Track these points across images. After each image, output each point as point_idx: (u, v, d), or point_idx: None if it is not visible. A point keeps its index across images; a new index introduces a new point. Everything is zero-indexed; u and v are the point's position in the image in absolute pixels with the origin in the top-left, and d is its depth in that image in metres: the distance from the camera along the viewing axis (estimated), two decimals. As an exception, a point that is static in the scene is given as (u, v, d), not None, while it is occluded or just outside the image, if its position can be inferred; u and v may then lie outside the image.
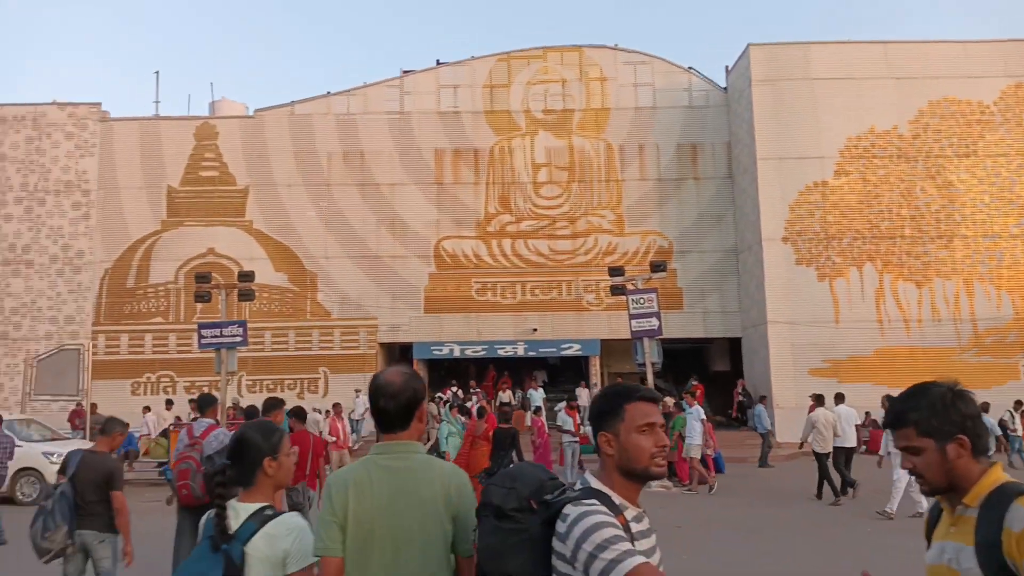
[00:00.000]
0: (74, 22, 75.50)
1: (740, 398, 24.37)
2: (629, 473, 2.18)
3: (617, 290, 17.12)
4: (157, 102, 26.84)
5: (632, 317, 16.23)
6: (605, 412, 2.22)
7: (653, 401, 2.25)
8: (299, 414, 9.42)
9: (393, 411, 2.60)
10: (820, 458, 13.39)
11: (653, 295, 16.22)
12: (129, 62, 74.97)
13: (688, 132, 25.75)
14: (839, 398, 14.70)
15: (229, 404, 20.40)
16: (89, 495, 6.15)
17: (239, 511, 2.67)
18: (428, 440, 17.65)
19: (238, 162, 25.69)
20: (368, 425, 21.68)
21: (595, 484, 2.21)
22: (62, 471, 6.44)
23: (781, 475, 17.54)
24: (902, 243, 23.44)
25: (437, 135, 25.68)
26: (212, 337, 16.07)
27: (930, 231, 23.44)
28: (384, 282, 25.19)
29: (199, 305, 23.57)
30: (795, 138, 23.39)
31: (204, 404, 7.73)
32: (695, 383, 23.51)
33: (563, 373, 27.25)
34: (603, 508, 2.08)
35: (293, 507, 8.27)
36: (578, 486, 2.22)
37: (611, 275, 17.35)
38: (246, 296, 16.98)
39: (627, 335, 23.46)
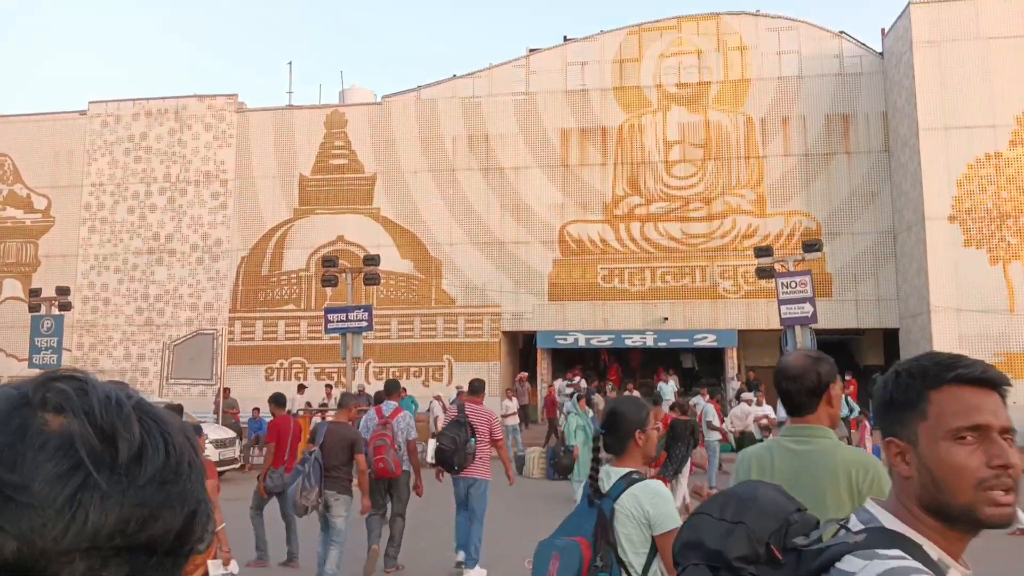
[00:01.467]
0: (211, 17, 79.74)
1: (896, 395, 22.33)
2: (942, 511, 1.28)
3: (764, 272, 15.89)
4: (290, 92, 27.39)
5: (782, 303, 14.99)
6: (896, 403, 1.33)
7: (987, 384, 1.30)
8: (278, 400, 9.44)
9: (795, 393, 2.63)
10: None
11: (807, 278, 14.94)
12: (264, 54, 78.45)
13: (839, 102, 23.79)
14: None
15: (355, 389, 20.61)
16: (334, 459, 7.35)
17: (611, 474, 3.01)
18: (556, 431, 17.10)
19: (366, 149, 25.92)
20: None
21: (890, 523, 1.33)
22: (312, 440, 7.64)
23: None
24: (1094, 221, 20.61)
25: (563, 115, 24.98)
26: (338, 322, 16.19)
27: None
28: (508, 269, 24.82)
29: (329, 292, 24.00)
30: (964, 105, 21.00)
31: (391, 388, 9.00)
32: (848, 378, 21.73)
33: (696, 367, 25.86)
34: (919, 567, 1.21)
35: (270, 492, 8.58)
36: (855, 522, 1.34)
37: (758, 256, 16.11)
38: (371, 280, 16.98)
39: (767, 325, 22.93)
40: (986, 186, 20.79)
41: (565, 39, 25.66)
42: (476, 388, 8.92)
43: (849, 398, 18.21)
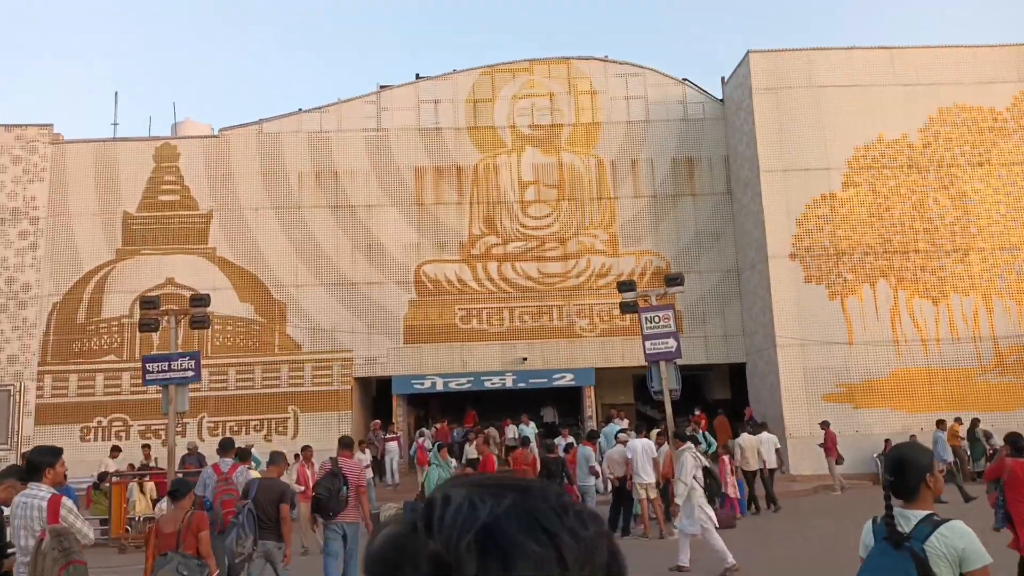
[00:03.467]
0: (25, 39, 72.49)
1: (748, 429, 22.57)
2: None
3: (628, 307, 15.46)
4: (115, 124, 25.29)
5: (647, 338, 14.49)
6: None
7: None
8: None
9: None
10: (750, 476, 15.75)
11: (670, 312, 14.56)
12: (86, 82, 71.61)
13: (684, 146, 24.45)
14: (763, 426, 17.89)
15: (185, 448, 18.33)
16: (268, 510, 8.05)
17: (908, 517, 3.20)
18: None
19: (201, 185, 23.92)
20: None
21: None
22: (244, 495, 8.42)
23: (806, 514, 15.66)
24: (916, 258, 22.03)
25: (417, 153, 24.17)
26: (159, 372, 13.98)
27: (945, 244, 22.04)
28: (360, 311, 23.41)
29: (155, 340, 21.59)
30: (800, 149, 22.07)
31: (226, 446, 10.82)
32: (698, 412, 22.05)
33: (551, 406, 25.31)
34: None
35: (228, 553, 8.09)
36: None
37: (621, 291, 15.64)
38: (200, 323, 14.96)
39: (622, 363, 22.73)
40: (823, 225, 21.78)
41: (417, 76, 25.01)
42: (347, 443, 10.04)
43: (706, 433, 18.32)
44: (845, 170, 22.04)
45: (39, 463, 5.36)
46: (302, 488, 13.11)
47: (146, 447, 19.30)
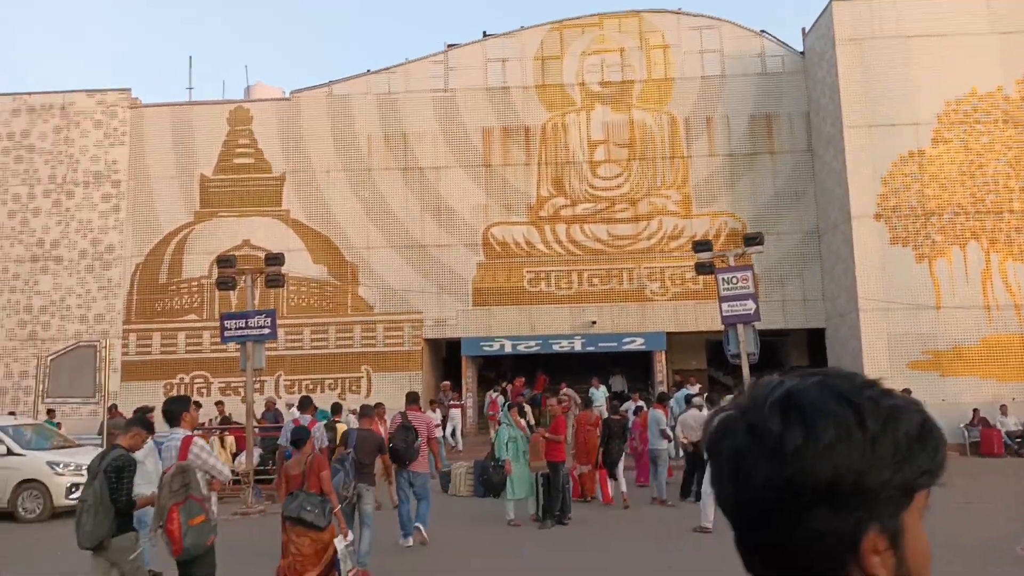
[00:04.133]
0: (103, 6, 74.28)
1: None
2: None
3: (704, 268, 14.96)
4: (190, 88, 26.04)
5: (723, 300, 14.11)
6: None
7: None
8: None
9: None
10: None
11: (748, 273, 14.16)
12: (162, 47, 73.26)
13: (762, 102, 23.46)
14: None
15: (263, 404, 18.87)
16: (365, 459, 8.86)
17: None
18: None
19: (274, 148, 24.19)
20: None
21: None
22: (343, 443, 9.36)
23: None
24: (1011, 218, 20.79)
25: (485, 113, 23.86)
26: (236, 329, 14.34)
27: (1044, 204, 20.67)
28: (429, 273, 23.48)
29: (234, 300, 22.18)
30: (886, 103, 20.92)
31: (305, 403, 12.08)
32: (775, 380, 21.41)
33: (620, 375, 24.94)
34: None
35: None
36: None
37: (696, 251, 15.15)
38: (275, 282, 15.21)
39: (695, 327, 22.43)
40: (910, 184, 20.71)
41: (485, 34, 24.65)
42: (414, 399, 10.96)
43: None
44: (935, 125, 20.82)
45: (176, 411, 6.06)
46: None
47: (219, 404, 19.87)
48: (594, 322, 22.89)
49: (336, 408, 13.61)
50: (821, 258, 22.92)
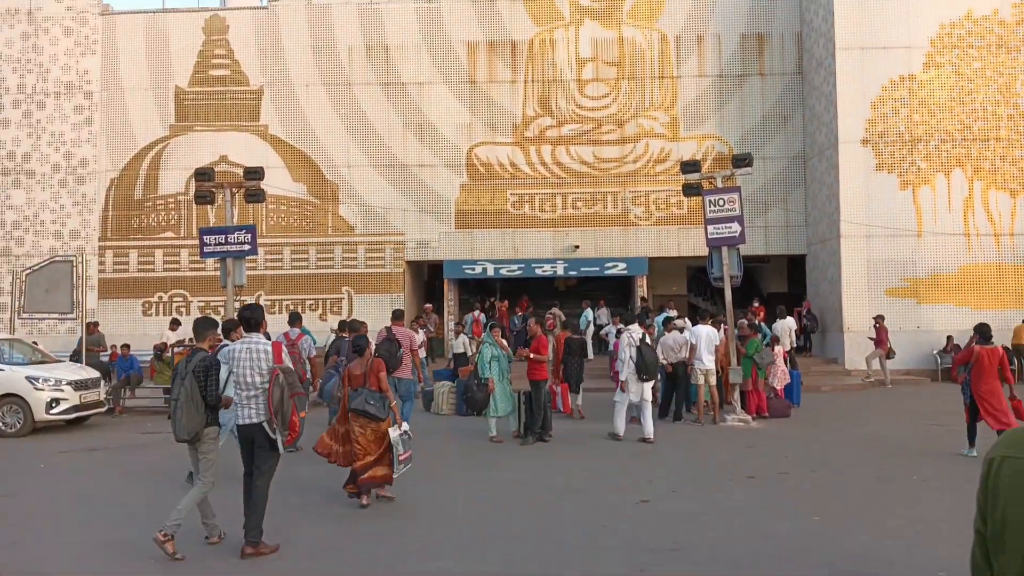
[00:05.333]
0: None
1: (805, 321, 22.17)
2: None
3: (691, 190, 14.81)
4: (164, -5, 24.31)
5: (709, 223, 14.07)
6: None
7: None
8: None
9: None
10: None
11: (735, 195, 13.94)
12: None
13: (754, 20, 23.03)
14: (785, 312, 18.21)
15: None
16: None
17: None
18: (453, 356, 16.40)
19: (251, 60, 23.52)
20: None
21: None
22: (337, 353, 11.38)
23: (854, 407, 15.57)
24: (997, 146, 20.78)
25: (470, 26, 23.23)
26: (216, 245, 14.29)
27: (1032, 133, 20.66)
28: (412, 193, 23.23)
29: (212, 217, 22.00)
30: (880, 25, 20.60)
31: (294, 318, 12.38)
32: (756, 304, 21.55)
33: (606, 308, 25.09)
34: None
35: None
36: None
37: (684, 172, 14.89)
38: (255, 197, 14.94)
39: (677, 252, 22.40)
40: (899, 109, 20.57)
41: (471, -56, 23.69)
42: (398, 315, 12.32)
43: (763, 324, 18.12)
44: (927, 49, 20.56)
45: (257, 318, 6.59)
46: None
47: (175, 322, 19.46)
48: (577, 246, 22.89)
49: (294, 317, 12.84)
50: (806, 184, 22.90)
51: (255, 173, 15.05)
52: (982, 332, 10.10)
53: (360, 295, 23.02)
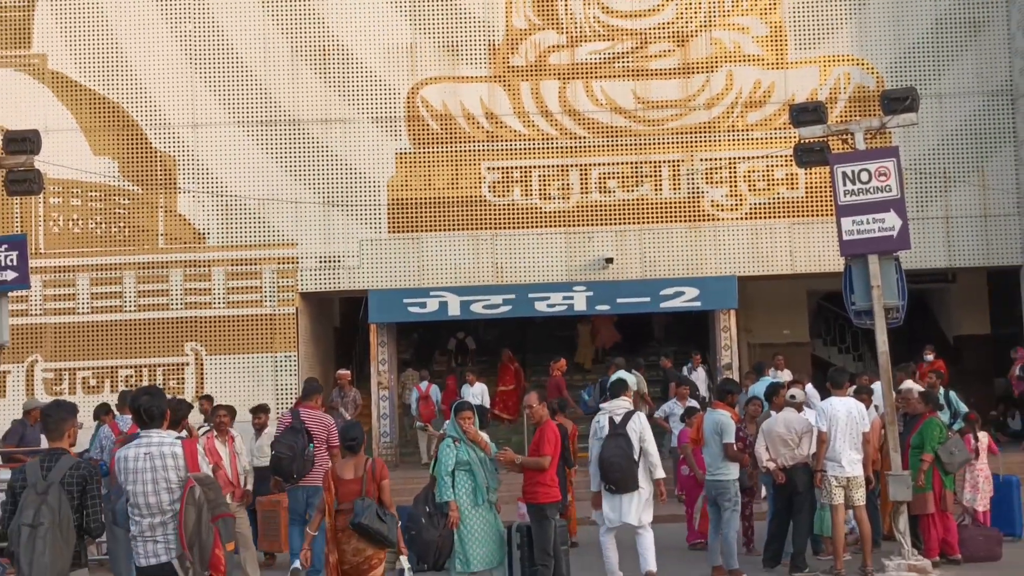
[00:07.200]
0: None
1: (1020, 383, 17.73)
2: None
3: (808, 154, 12.00)
4: None
5: (843, 213, 11.09)
6: None
7: None
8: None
9: None
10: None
11: (891, 164, 10.87)
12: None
13: None
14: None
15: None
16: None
17: None
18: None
19: (15, -58, 19.31)
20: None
21: None
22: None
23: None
24: None
25: None
26: (-50, 274, 12.92)
27: None
28: (309, 173, 18.20)
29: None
30: None
31: (125, 399, 11.22)
32: (931, 357, 16.91)
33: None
34: None
35: None
36: None
37: (796, 122, 11.82)
38: (22, 185, 12.18)
39: (788, 268, 18.61)
40: None
41: None
42: (311, 390, 11.27)
43: (951, 393, 14.08)
44: None
45: (159, 407, 6.11)
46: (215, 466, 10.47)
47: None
48: (610, 260, 18.05)
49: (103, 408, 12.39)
50: (1015, 141, 17.75)
51: (25, 142, 12.39)
52: None
53: (216, 356, 17.96)
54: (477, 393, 16.75)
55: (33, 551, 5.73)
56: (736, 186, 18.15)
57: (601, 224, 18.19)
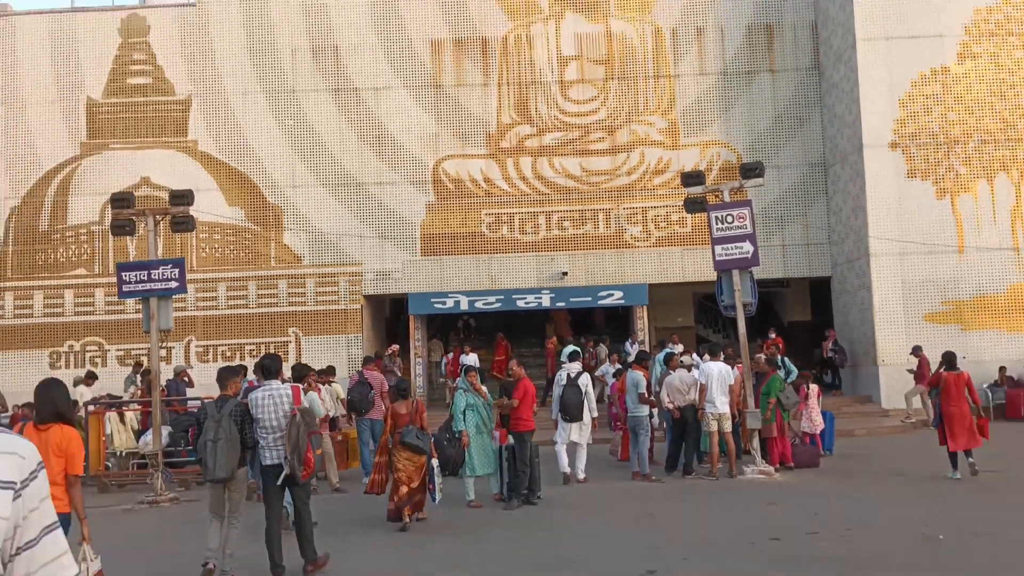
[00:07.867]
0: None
1: (830, 354, 22.33)
2: None
3: (694, 205, 14.76)
4: (75, -5, 24.37)
5: (716, 242, 14.00)
6: None
7: None
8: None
9: None
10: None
11: (746, 210, 13.90)
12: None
13: (762, 10, 23.38)
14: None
15: (172, 373, 18.51)
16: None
17: None
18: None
19: (177, 65, 23.47)
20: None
21: None
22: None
23: (898, 454, 15.45)
24: (1046, 147, 21.03)
25: (433, 22, 23.39)
26: (137, 282, 13.76)
27: (1084, 131, 20.97)
28: (369, 216, 23.22)
29: (132, 250, 21.84)
30: (907, 12, 20.97)
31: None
32: (774, 335, 21.55)
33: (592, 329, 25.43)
34: None
35: None
36: None
37: (686, 184, 14.86)
38: (182, 225, 14.51)
39: (681, 277, 22.71)
40: (932, 107, 20.83)
41: (432, -73, 23.94)
42: (370, 359, 15.44)
43: (786, 359, 17.82)
44: (962, 38, 20.92)
45: (276, 367, 8.46)
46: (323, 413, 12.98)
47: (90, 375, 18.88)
48: (565, 273, 22.90)
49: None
50: (827, 195, 23.08)
51: (183, 197, 14.69)
52: (948, 360, 12.61)
53: (310, 337, 22.84)
54: (472, 360, 20.17)
55: (216, 456, 7.68)
56: (647, 225, 22.86)
57: (559, 250, 22.85)
